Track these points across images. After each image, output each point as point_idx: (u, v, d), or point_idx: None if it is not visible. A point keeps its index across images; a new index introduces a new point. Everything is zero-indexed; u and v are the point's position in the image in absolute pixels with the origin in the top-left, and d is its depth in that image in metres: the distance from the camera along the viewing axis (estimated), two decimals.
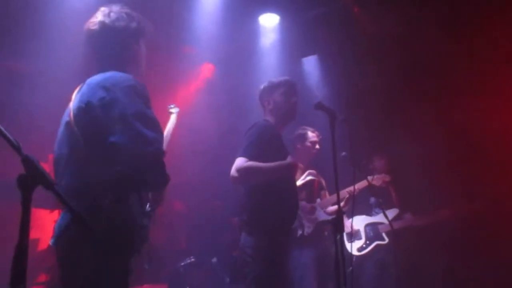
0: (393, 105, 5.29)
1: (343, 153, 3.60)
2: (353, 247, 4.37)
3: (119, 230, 1.81)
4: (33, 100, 4.13)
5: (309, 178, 3.84)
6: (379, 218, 4.52)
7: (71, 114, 1.98)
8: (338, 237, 2.45)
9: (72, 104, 2.04)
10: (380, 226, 4.47)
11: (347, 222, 4.20)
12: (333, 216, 2.50)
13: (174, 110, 3.38)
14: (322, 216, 3.98)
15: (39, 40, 3.94)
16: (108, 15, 2.13)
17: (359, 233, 4.48)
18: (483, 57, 4.65)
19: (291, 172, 2.98)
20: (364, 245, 4.41)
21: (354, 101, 5.29)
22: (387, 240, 4.41)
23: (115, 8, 2.17)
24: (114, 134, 1.81)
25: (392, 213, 4.45)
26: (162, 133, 1.99)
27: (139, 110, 1.88)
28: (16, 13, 3.79)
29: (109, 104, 1.87)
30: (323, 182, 4.37)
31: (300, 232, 3.87)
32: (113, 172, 1.80)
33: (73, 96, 2.11)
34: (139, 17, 2.21)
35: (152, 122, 1.90)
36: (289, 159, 2.95)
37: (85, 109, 1.91)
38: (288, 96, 3.11)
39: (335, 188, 2.58)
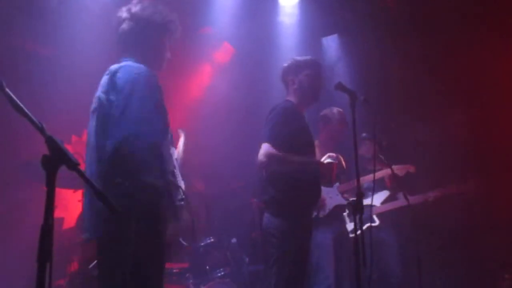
0: (413, 87, 5.21)
1: (363, 134, 3.54)
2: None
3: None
4: (57, 82, 4.19)
5: (328, 161, 3.81)
6: (368, 201, 4.48)
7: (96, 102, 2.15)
8: (358, 218, 2.45)
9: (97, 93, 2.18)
10: (371, 209, 4.44)
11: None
12: (350, 199, 2.50)
13: (182, 133, 3.94)
14: (338, 200, 3.95)
15: (64, 24, 3.98)
16: (135, 7, 2.27)
17: (351, 216, 4.45)
18: None
19: (322, 171, 2.96)
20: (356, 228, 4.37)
21: (375, 81, 5.20)
22: (377, 222, 4.37)
23: (144, 2, 2.30)
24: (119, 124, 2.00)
25: (383, 195, 4.41)
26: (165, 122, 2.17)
27: (149, 100, 2.05)
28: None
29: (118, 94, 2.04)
30: (345, 166, 4.32)
31: (315, 213, 3.86)
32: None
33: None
34: (166, 12, 2.33)
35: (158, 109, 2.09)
36: (322, 159, 2.95)
37: (100, 99, 2.10)
38: (314, 78, 3.06)
39: (355, 169, 2.56)
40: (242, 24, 5.00)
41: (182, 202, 2.19)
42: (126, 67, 2.13)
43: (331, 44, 5.52)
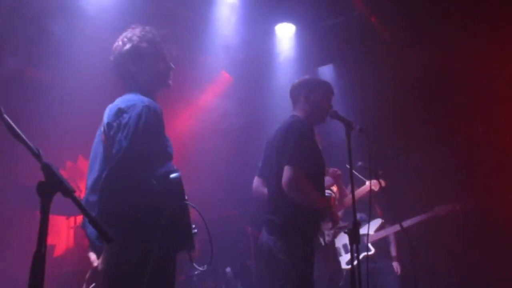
0: (408, 115, 5.29)
1: (359, 163, 3.56)
2: (342, 261, 4.31)
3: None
4: (53, 108, 4.19)
5: (328, 183, 3.81)
6: (363, 230, 4.49)
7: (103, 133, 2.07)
8: (354, 247, 2.43)
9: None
10: (365, 238, 4.43)
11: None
12: (346, 229, 2.47)
13: None
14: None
15: (64, 53, 4.00)
16: (126, 38, 2.19)
17: (347, 247, 4.42)
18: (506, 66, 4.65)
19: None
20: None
21: (370, 110, 5.27)
22: (373, 250, 4.35)
23: (132, 31, 2.21)
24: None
25: (376, 223, 4.42)
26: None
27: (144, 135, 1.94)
28: (40, 24, 3.85)
29: (122, 127, 1.95)
30: (346, 190, 4.33)
31: (321, 239, 3.82)
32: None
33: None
34: (155, 35, 2.23)
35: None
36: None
37: (106, 130, 2.00)
38: (327, 99, 3.08)
39: (352, 198, 2.56)
40: (240, 53, 5.08)
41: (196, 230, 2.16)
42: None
43: (327, 73, 5.60)
